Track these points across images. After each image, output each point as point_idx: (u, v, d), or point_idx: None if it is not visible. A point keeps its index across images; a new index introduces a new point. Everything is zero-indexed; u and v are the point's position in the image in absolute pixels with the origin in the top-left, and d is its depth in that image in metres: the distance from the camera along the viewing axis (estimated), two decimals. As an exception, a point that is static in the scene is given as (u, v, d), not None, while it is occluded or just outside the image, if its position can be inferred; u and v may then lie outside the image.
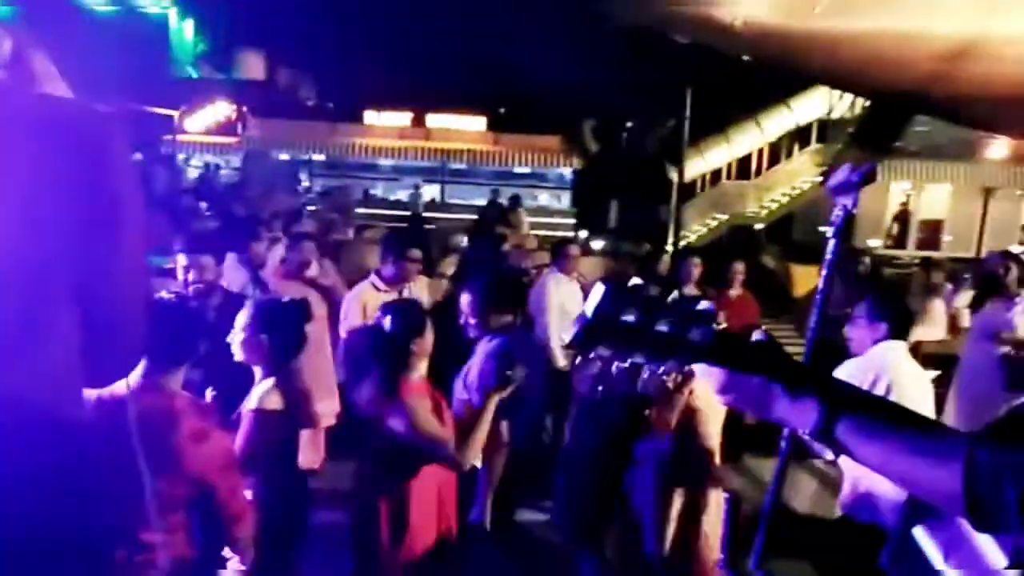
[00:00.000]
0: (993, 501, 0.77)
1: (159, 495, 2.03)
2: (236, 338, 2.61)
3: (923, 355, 5.59)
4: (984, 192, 20.21)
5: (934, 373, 5.76)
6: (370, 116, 21.30)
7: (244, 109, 18.65)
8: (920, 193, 20.71)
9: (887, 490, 2.70)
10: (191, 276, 3.38)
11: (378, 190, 22.02)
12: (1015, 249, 14.69)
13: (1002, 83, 7.72)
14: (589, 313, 0.96)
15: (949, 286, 5.83)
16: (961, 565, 1.02)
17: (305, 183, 22.53)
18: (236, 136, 19.98)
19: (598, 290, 0.97)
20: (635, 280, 4.63)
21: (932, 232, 20.79)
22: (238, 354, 2.62)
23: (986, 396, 4.76)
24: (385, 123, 21.36)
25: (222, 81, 22.45)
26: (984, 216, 20.63)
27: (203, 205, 11.28)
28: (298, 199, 15.40)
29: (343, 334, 4.07)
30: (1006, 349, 4.70)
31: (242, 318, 2.62)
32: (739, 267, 5.00)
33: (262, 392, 2.54)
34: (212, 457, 2.16)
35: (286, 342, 2.62)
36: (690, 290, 5.04)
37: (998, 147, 18.11)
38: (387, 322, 2.69)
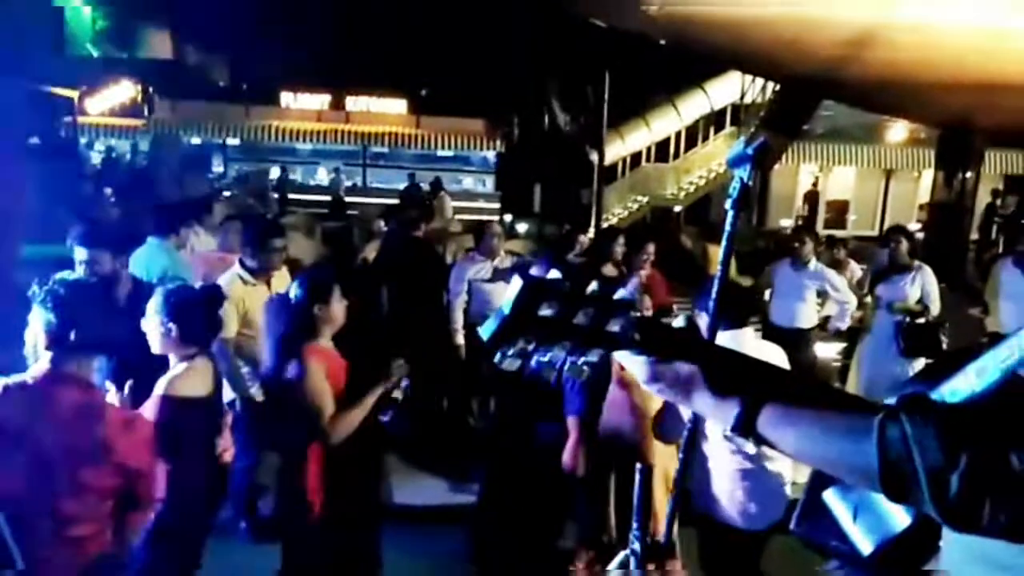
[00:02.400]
0: (905, 474, 0.78)
1: (86, 487, 1.95)
2: (148, 326, 2.54)
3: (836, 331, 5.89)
4: (885, 173, 21.36)
5: (841, 345, 6.09)
6: (286, 98, 20.61)
7: (150, 90, 17.71)
8: (827, 175, 21.70)
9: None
10: (87, 270, 3.18)
11: (297, 174, 21.41)
12: (912, 227, 15.58)
13: (901, 69, 8.13)
14: (506, 307, 0.94)
15: (852, 262, 6.14)
16: (868, 526, 1.05)
17: (219, 168, 21.69)
18: (142, 118, 18.98)
19: (515, 284, 0.94)
20: (554, 272, 4.65)
21: (839, 212, 21.84)
22: (151, 343, 2.55)
23: (885, 362, 5.08)
24: (302, 105, 20.72)
25: (125, 60, 21.25)
26: (886, 196, 21.82)
27: (107, 191, 10.70)
28: (210, 184, 14.80)
29: None
30: (900, 317, 5.03)
31: (152, 306, 2.55)
32: (649, 248, 5.13)
33: (170, 378, 2.48)
34: (141, 445, 2.11)
35: (196, 329, 2.56)
36: (609, 269, 5.12)
37: (898, 130, 19.15)
38: (294, 289, 2.80)
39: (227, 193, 12.63)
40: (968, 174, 9.47)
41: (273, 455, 3.67)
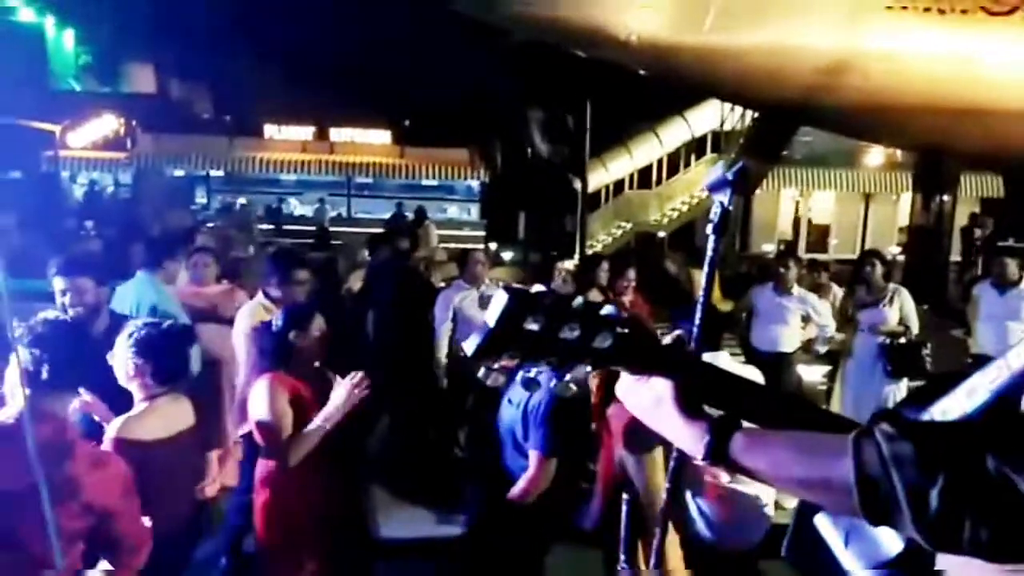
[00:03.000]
0: (883, 494, 0.76)
1: (57, 528, 1.88)
2: (115, 361, 2.48)
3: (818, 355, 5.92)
4: (865, 197, 21.68)
5: (826, 368, 6.12)
6: (270, 130, 20.68)
7: (133, 123, 17.68)
8: (808, 199, 21.99)
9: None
10: (67, 300, 3.13)
11: (282, 205, 21.44)
12: (893, 250, 15.73)
13: (873, 96, 8.31)
14: (491, 322, 0.92)
15: (834, 285, 6.18)
16: (860, 551, 1.04)
17: (202, 200, 21.66)
18: (125, 151, 18.94)
19: (500, 298, 0.93)
20: (538, 286, 4.66)
21: (820, 235, 22.11)
22: (120, 378, 2.50)
23: (869, 384, 5.11)
24: (287, 136, 20.80)
25: (108, 94, 21.28)
26: (866, 220, 22.12)
27: (88, 224, 10.63)
28: (192, 216, 14.75)
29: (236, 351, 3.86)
30: (882, 339, 5.06)
31: (120, 340, 2.49)
32: (630, 273, 5.15)
33: (123, 420, 2.40)
34: (111, 484, 2.04)
35: (163, 368, 2.49)
36: (594, 295, 5.13)
37: (876, 155, 19.50)
38: (276, 318, 2.87)
39: (209, 225, 12.57)
40: (945, 197, 9.63)
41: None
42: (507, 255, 14.15)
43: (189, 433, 2.56)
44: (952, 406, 0.86)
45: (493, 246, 15.19)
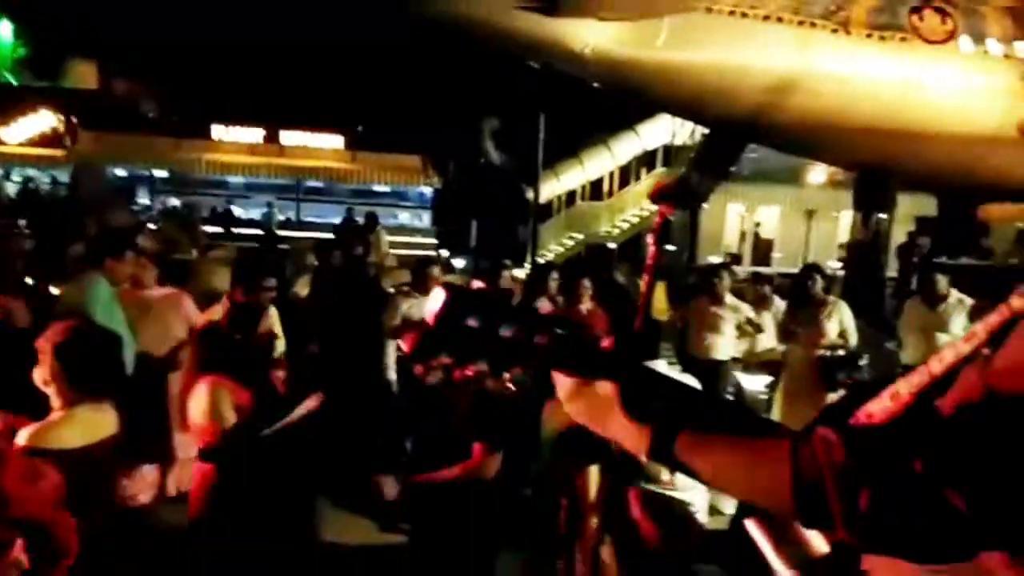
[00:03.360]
0: (817, 497, 0.78)
1: None
2: (37, 367, 2.35)
3: (757, 363, 6.05)
4: (808, 214, 22.35)
5: (768, 379, 6.26)
6: (218, 131, 20.22)
7: (73, 120, 17.09)
8: (754, 214, 22.57)
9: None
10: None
11: (229, 208, 20.95)
12: (834, 264, 16.19)
13: (819, 116, 8.57)
14: (429, 319, 0.91)
15: (776, 298, 6.34)
16: (789, 553, 1.06)
17: (145, 200, 21.03)
18: (64, 149, 18.28)
19: (438, 295, 0.92)
20: (477, 283, 4.69)
21: (765, 249, 22.70)
22: (40, 385, 2.37)
23: (805, 396, 5.23)
24: (235, 138, 20.36)
25: (47, 89, 20.50)
26: (808, 235, 22.80)
27: (22, 223, 10.22)
28: (132, 216, 14.29)
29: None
30: (820, 352, 5.18)
31: (41, 346, 2.36)
32: (586, 283, 5.21)
33: (34, 429, 2.26)
34: (45, 495, 1.96)
35: (84, 374, 2.36)
36: (544, 304, 5.15)
37: (818, 173, 20.13)
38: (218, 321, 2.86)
39: (152, 226, 12.20)
40: (883, 215, 9.98)
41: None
42: (459, 263, 14.11)
43: (111, 442, 2.41)
44: (877, 410, 0.89)
45: (445, 253, 15.12)
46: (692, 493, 2.83)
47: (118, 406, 2.49)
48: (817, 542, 1.04)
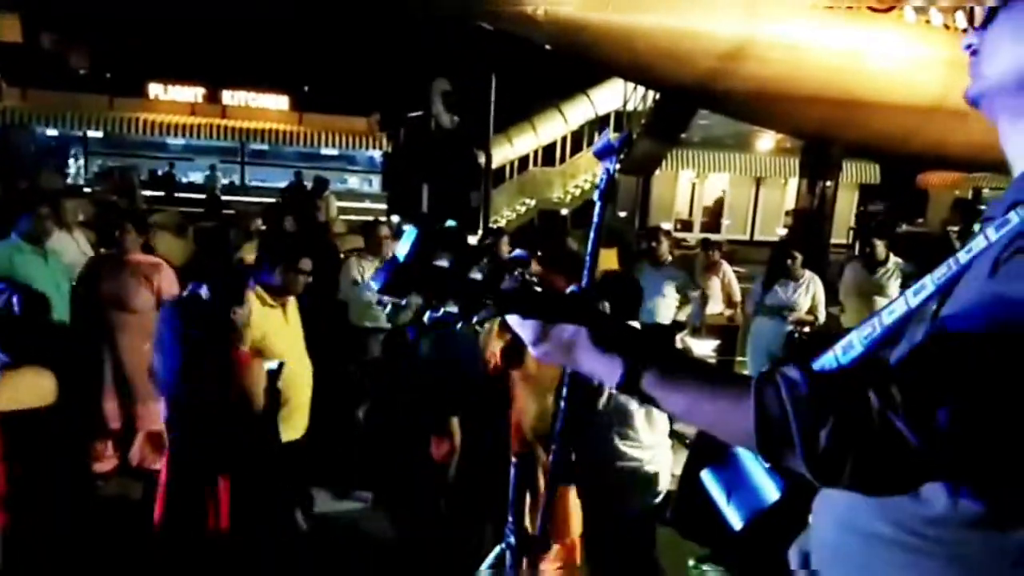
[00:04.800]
0: (779, 433, 0.81)
1: None
2: None
3: (706, 327, 6.16)
4: (756, 180, 22.76)
5: (715, 343, 6.39)
6: (155, 89, 19.39)
7: (-2, 76, 16.17)
8: (704, 181, 22.87)
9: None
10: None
11: (169, 171, 20.23)
12: (780, 231, 16.47)
13: (767, 82, 8.65)
14: (400, 255, 0.90)
15: (724, 263, 6.44)
16: (740, 502, 1.08)
17: (79, 162, 20.15)
18: (-12, 106, 17.33)
19: (410, 233, 0.91)
20: (450, 222, 4.63)
21: (714, 216, 23.09)
22: None
23: (766, 364, 5.32)
24: (173, 97, 19.56)
25: (-34, 42, 19.28)
26: (756, 202, 23.25)
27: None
28: (64, 177, 13.68)
29: None
30: (791, 327, 5.27)
31: None
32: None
33: None
34: None
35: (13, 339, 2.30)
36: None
37: (767, 140, 20.47)
38: (204, 291, 2.64)
39: (87, 189, 11.70)
40: (828, 183, 10.20)
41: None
42: (408, 228, 13.97)
43: (48, 407, 2.34)
44: (829, 360, 0.93)
45: (395, 219, 14.93)
46: (656, 452, 2.88)
47: (57, 372, 2.39)
48: (767, 489, 1.06)
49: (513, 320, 0.98)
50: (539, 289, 0.97)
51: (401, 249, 0.91)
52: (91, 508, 3.94)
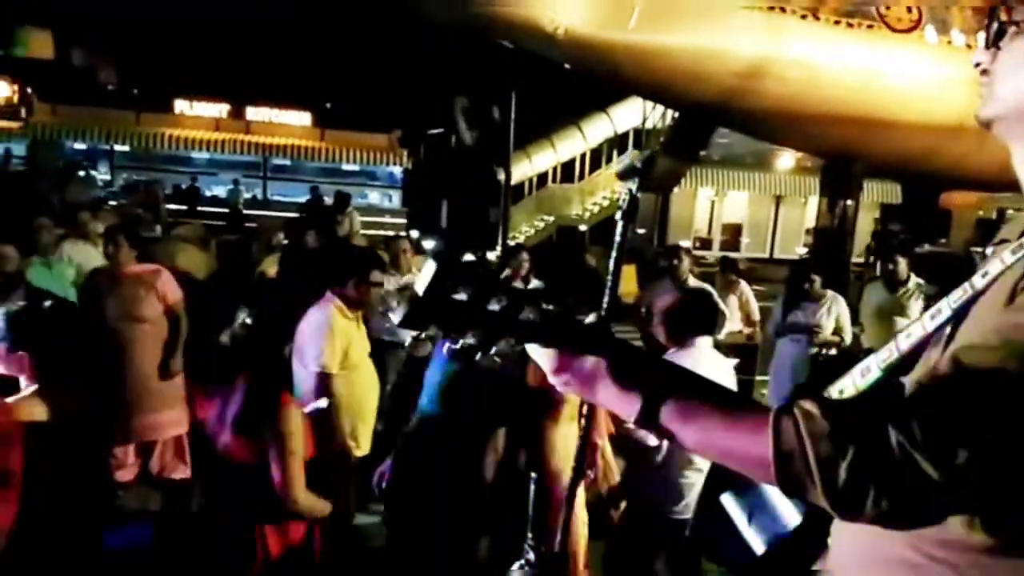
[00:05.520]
0: (797, 466, 0.81)
1: None
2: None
3: (724, 345, 6.12)
4: (775, 199, 22.65)
5: (734, 361, 6.34)
6: (181, 105, 19.74)
7: (28, 90, 16.54)
8: (723, 199, 22.80)
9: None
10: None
11: (193, 185, 20.52)
12: (800, 250, 16.32)
13: (788, 101, 8.65)
14: (420, 291, 0.91)
15: (743, 282, 6.39)
16: (761, 526, 1.08)
17: (105, 176, 20.51)
18: (19, 121, 17.70)
19: (429, 267, 0.92)
20: (468, 256, 4.64)
21: (733, 234, 22.98)
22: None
23: (788, 387, 5.25)
24: (199, 113, 19.90)
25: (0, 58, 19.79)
26: (776, 220, 23.12)
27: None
28: (94, 192, 13.92)
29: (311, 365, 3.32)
30: (815, 349, 5.14)
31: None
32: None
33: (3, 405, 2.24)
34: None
35: (47, 353, 2.33)
36: (518, 284, 5.16)
37: (786, 159, 20.38)
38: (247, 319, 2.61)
39: (113, 203, 11.90)
40: (849, 202, 10.13)
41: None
42: (429, 244, 14.04)
43: (80, 418, 2.39)
44: (847, 385, 0.92)
45: (415, 234, 15.01)
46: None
47: (85, 383, 2.44)
48: (789, 514, 1.06)
49: (532, 351, 0.98)
50: (558, 320, 0.97)
51: (420, 284, 0.92)
52: (111, 516, 3.98)
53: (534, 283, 4.75)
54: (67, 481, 2.37)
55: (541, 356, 0.99)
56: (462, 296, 0.92)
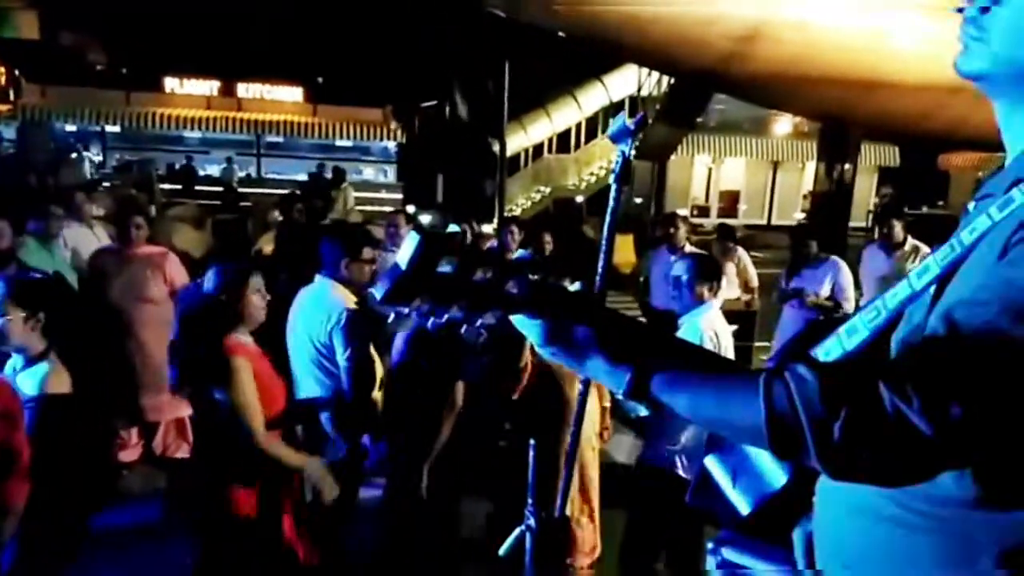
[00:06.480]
0: (790, 429, 0.80)
1: None
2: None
3: (723, 312, 6.12)
4: (773, 165, 22.53)
5: (733, 327, 6.34)
6: (171, 83, 19.49)
7: (16, 72, 16.34)
8: (720, 166, 22.68)
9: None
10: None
11: (186, 164, 20.39)
12: (797, 215, 16.26)
13: (785, 64, 8.54)
14: (403, 264, 0.89)
15: (740, 248, 6.37)
16: (745, 487, 1.09)
17: (97, 156, 20.36)
18: (8, 103, 17.52)
19: (412, 239, 0.89)
20: (452, 227, 4.63)
21: (731, 201, 22.89)
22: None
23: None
24: (189, 91, 19.66)
25: (-15, 40, 19.53)
26: (773, 186, 23.02)
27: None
28: (86, 173, 13.84)
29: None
30: (812, 313, 5.04)
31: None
32: (547, 236, 5.16)
33: (42, 376, 2.29)
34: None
35: (48, 330, 2.35)
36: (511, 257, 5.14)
37: (784, 124, 20.23)
38: (208, 282, 2.60)
39: (106, 184, 11.83)
40: (846, 166, 10.07)
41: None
42: (425, 218, 13.98)
43: (67, 396, 2.40)
44: (834, 346, 0.93)
45: (411, 209, 14.96)
46: None
47: (75, 363, 2.44)
48: (773, 474, 1.06)
49: (519, 321, 0.97)
50: (545, 289, 0.96)
51: (402, 257, 0.89)
52: (115, 495, 4.02)
53: (521, 253, 4.74)
54: (70, 460, 2.39)
55: (528, 327, 0.97)
56: (447, 269, 0.90)
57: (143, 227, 4.35)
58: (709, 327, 3.05)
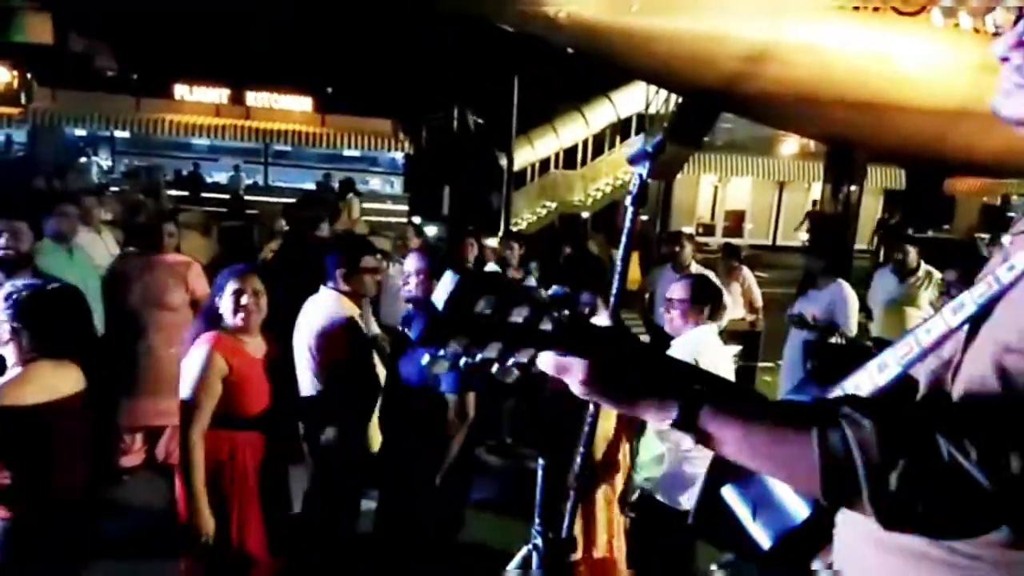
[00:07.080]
0: (845, 477, 0.79)
1: None
2: None
3: (727, 332, 6.09)
4: (779, 185, 22.55)
5: (736, 348, 6.32)
6: (181, 90, 19.61)
7: (28, 76, 16.46)
8: (726, 185, 22.70)
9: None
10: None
11: (194, 171, 20.48)
12: (803, 236, 16.17)
13: (792, 85, 8.57)
14: (440, 304, 0.85)
15: (745, 268, 6.35)
16: (768, 521, 1.06)
17: (106, 162, 20.47)
18: (19, 107, 17.64)
19: (449, 278, 0.86)
20: (491, 267, 4.59)
21: (736, 221, 22.90)
22: None
23: (798, 379, 5.17)
24: (198, 99, 19.77)
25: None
26: (779, 206, 23.03)
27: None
28: (94, 178, 13.90)
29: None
30: (809, 335, 4.95)
31: None
32: (567, 248, 5.17)
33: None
34: None
35: (42, 334, 2.31)
36: (513, 273, 5.13)
37: (790, 144, 20.27)
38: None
39: (114, 189, 11.88)
40: (852, 187, 10.06)
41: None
42: (431, 230, 14.01)
43: (72, 401, 2.35)
44: (864, 380, 0.90)
45: (417, 220, 14.99)
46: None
47: (85, 366, 2.42)
48: (796, 507, 1.04)
49: (550, 359, 0.91)
50: (574, 325, 0.91)
51: (439, 296, 0.85)
52: (117, 501, 4.00)
53: (552, 290, 4.79)
54: (71, 462, 2.38)
55: (563, 365, 0.91)
56: (484, 309, 0.86)
57: (175, 235, 4.36)
58: (692, 353, 2.94)
